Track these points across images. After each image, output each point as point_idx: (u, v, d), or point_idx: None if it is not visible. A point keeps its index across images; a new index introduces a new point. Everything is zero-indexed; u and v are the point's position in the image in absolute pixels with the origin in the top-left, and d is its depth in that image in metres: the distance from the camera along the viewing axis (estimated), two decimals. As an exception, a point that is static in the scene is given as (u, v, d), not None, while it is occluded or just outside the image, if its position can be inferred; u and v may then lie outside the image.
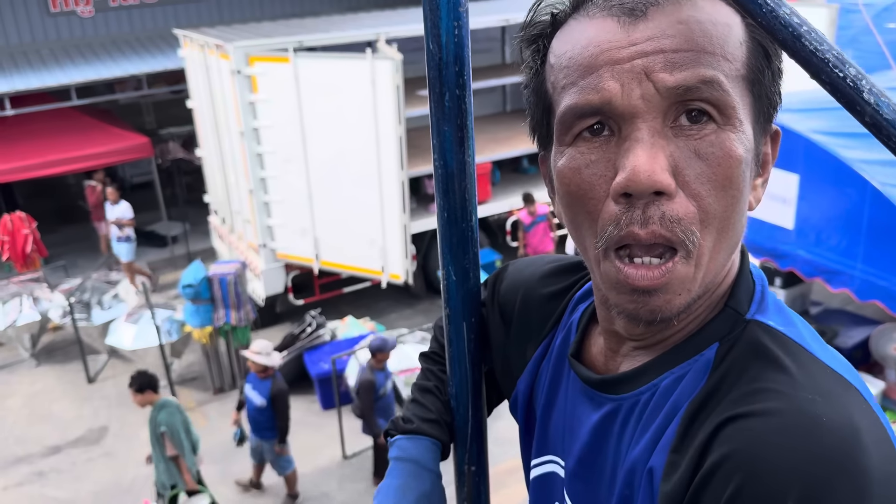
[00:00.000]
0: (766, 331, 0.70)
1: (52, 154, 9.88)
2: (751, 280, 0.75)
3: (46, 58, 10.60)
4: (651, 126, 0.65)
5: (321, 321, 7.55)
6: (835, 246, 5.15)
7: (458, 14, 0.75)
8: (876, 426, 0.62)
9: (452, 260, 0.86)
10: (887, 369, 5.84)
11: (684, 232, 0.65)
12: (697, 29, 0.65)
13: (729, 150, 0.65)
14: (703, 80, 0.64)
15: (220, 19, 11.73)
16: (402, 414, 1.02)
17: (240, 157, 8.09)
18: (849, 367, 0.69)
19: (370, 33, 8.02)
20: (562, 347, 0.89)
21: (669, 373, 0.73)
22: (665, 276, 0.66)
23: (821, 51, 0.47)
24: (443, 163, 0.80)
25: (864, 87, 0.47)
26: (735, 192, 0.66)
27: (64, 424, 7.17)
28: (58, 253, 10.71)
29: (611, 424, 0.78)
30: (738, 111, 0.66)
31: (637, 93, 0.65)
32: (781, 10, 0.48)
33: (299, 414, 7.11)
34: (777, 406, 0.62)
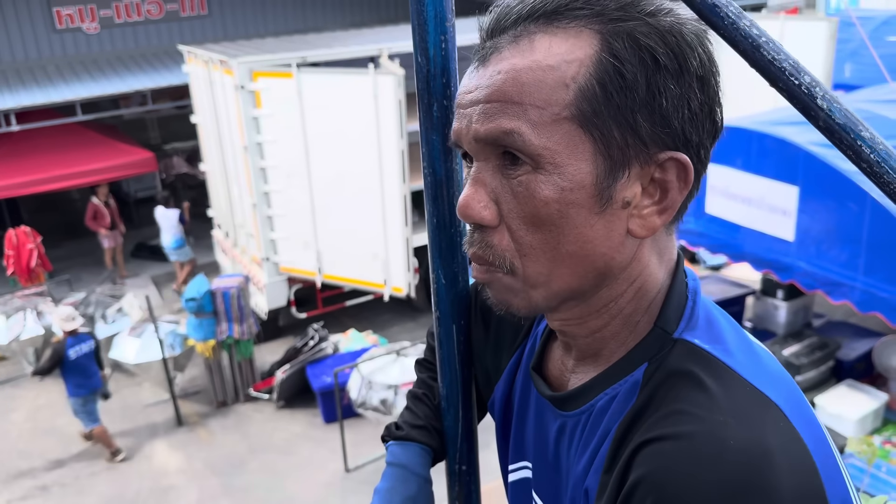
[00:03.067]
0: (690, 350, 0.71)
1: (56, 169, 9.96)
2: (683, 295, 0.77)
3: (52, 74, 10.70)
4: (482, 165, 0.74)
5: (324, 334, 7.57)
6: (835, 258, 5.16)
7: (445, 28, 0.78)
8: (792, 445, 0.63)
9: (442, 264, 0.89)
10: (891, 381, 5.83)
11: (496, 257, 0.74)
12: (510, 78, 0.69)
13: (533, 192, 0.70)
14: (504, 132, 0.69)
15: (225, 35, 11.84)
16: (396, 421, 1.06)
17: (243, 172, 8.14)
18: (778, 380, 0.70)
19: (373, 49, 8.09)
20: (528, 358, 0.93)
21: (603, 393, 0.76)
22: (486, 275, 0.76)
23: (778, 60, 0.50)
24: (431, 171, 0.84)
25: (817, 94, 0.49)
26: (550, 227, 0.70)
27: (68, 438, 7.18)
28: (62, 267, 10.76)
29: (562, 439, 0.82)
30: (553, 154, 0.69)
31: (468, 138, 0.73)
32: (741, 22, 0.51)
33: (301, 427, 7.12)
34: (689, 429, 0.63)
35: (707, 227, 6.07)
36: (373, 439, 6.65)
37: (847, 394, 5.70)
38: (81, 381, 6.62)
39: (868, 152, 0.48)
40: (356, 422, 6.80)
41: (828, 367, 6.03)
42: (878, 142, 0.48)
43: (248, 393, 7.59)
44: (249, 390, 7.59)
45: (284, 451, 6.80)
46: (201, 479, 6.49)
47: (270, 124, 7.73)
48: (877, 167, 0.48)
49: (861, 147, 0.48)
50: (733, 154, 5.71)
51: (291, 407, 7.43)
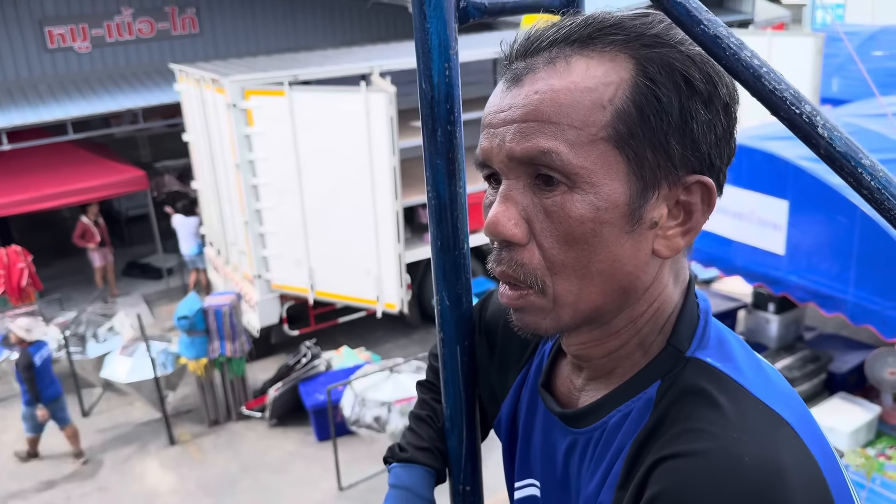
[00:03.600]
0: (703, 368, 0.73)
1: (47, 188, 9.93)
2: (695, 315, 0.79)
3: (43, 93, 10.69)
4: (513, 183, 0.74)
5: (316, 352, 7.54)
6: (826, 271, 5.20)
7: (449, 56, 0.80)
8: (804, 462, 0.65)
9: (446, 286, 0.90)
10: (883, 394, 5.85)
11: (527, 275, 0.74)
12: (548, 99, 0.71)
13: (568, 211, 0.71)
14: (541, 151, 0.71)
15: (216, 54, 11.86)
16: (399, 442, 1.06)
17: (235, 189, 8.14)
18: (788, 398, 0.72)
19: (364, 67, 8.13)
20: (535, 375, 0.94)
21: (616, 410, 0.77)
22: (520, 300, 0.76)
23: (779, 90, 0.51)
24: (435, 194, 0.85)
25: (818, 123, 0.51)
26: (584, 245, 0.72)
27: (58, 459, 7.12)
28: (53, 286, 10.71)
29: (572, 456, 0.83)
30: (587, 174, 0.70)
31: (500, 156, 0.74)
32: (743, 53, 0.52)
33: (294, 446, 7.08)
34: (704, 447, 0.65)
35: (698, 241, 5.99)
36: (366, 457, 6.62)
37: (840, 406, 5.71)
38: (49, 384, 6.85)
39: (869, 179, 0.49)
40: (349, 440, 6.77)
41: (820, 379, 6.05)
42: (878, 169, 0.49)
43: (240, 411, 7.54)
44: (242, 409, 7.55)
45: (277, 469, 6.75)
46: (193, 498, 6.44)
47: (262, 142, 7.74)
48: (878, 194, 0.49)
49: (862, 174, 0.50)
50: (724, 169, 5.76)
51: (284, 425, 7.39)
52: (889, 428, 5.66)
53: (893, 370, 5.70)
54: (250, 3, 12.14)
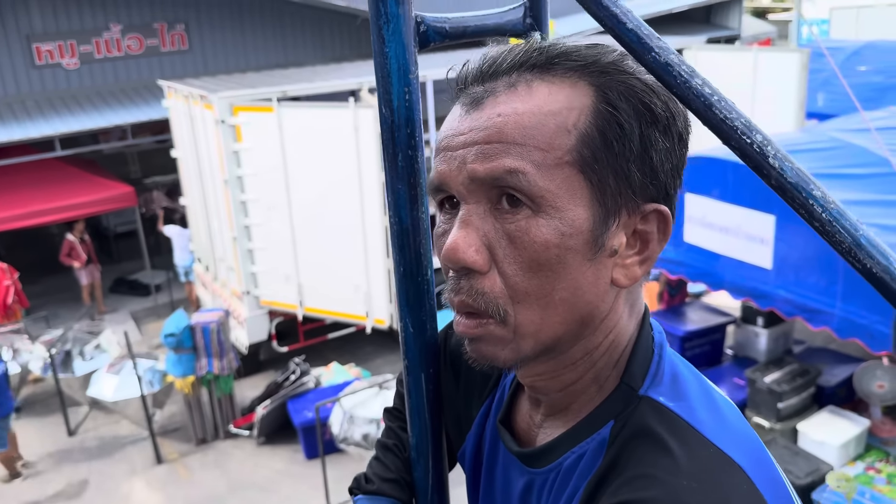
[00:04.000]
0: (655, 409, 0.72)
1: (35, 204, 9.88)
2: (649, 349, 0.77)
3: (31, 109, 10.65)
4: (473, 208, 0.72)
5: (305, 368, 7.50)
6: (813, 285, 5.21)
7: (409, 80, 0.79)
8: None
9: (409, 313, 0.88)
10: (872, 407, 5.85)
11: (487, 304, 0.71)
12: (512, 121, 0.70)
13: (534, 236, 0.69)
14: (507, 171, 0.69)
15: (205, 70, 11.86)
16: (365, 472, 1.04)
17: (224, 205, 8.12)
18: (741, 438, 0.71)
19: (353, 83, 8.15)
20: (497, 409, 0.92)
21: (571, 452, 0.76)
22: (478, 329, 0.73)
23: (730, 118, 0.50)
24: (397, 220, 0.84)
25: (769, 153, 0.50)
26: (547, 272, 0.70)
27: (43, 478, 7.03)
28: (39, 304, 10.62)
29: (529, 496, 0.81)
30: (553, 198, 0.69)
31: (459, 179, 0.72)
32: (694, 81, 0.51)
33: (283, 464, 7.02)
34: (653, 495, 0.64)
35: (686, 255, 6.12)
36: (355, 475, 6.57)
37: (829, 420, 5.71)
38: (5, 400, 6.77)
39: (820, 211, 0.48)
40: (338, 457, 6.72)
41: (809, 393, 6.04)
42: (829, 200, 0.48)
43: (228, 429, 7.48)
44: (230, 427, 7.49)
45: (265, 488, 6.69)
46: (180, 518, 6.38)
47: (251, 158, 7.73)
48: (829, 226, 0.48)
49: (813, 206, 0.49)
50: (710, 184, 5.78)
51: (272, 443, 7.33)
52: (878, 441, 5.66)
53: (882, 383, 5.70)
54: (240, 20, 12.16)
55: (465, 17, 0.84)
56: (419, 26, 0.80)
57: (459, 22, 0.83)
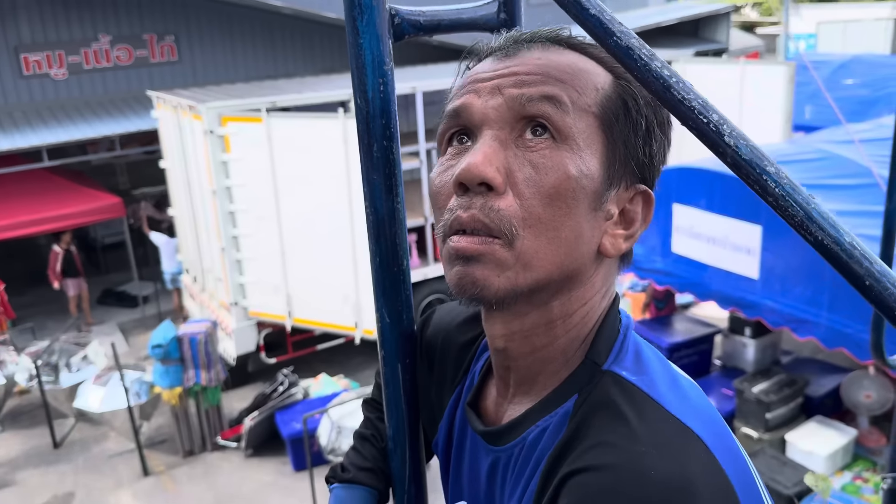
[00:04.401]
0: (617, 382, 0.73)
1: (21, 215, 9.83)
2: (615, 329, 0.79)
3: (18, 120, 10.62)
4: (495, 133, 0.73)
5: (293, 380, 7.47)
6: (800, 295, 5.24)
7: (384, 72, 0.80)
8: (713, 476, 0.64)
9: (386, 303, 0.89)
10: (859, 417, 5.88)
11: (501, 221, 0.71)
12: (553, 64, 0.74)
13: (558, 163, 0.71)
14: (544, 95, 0.72)
15: (195, 81, 11.87)
16: (342, 462, 1.04)
17: (212, 216, 8.11)
18: (701, 412, 0.71)
19: (343, 94, 8.17)
20: (466, 395, 0.93)
21: (535, 426, 0.77)
22: (482, 246, 0.71)
23: (688, 99, 0.52)
24: (373, 209, 0.84)
25: (724, 132, 0.51)
26: (562, 204, 0.71)
27: (28, 492, 6.96)
28: (26, 315, 10.55)
29: (495, 474, 0.82)
30: (578, 136, 0.72)
31: (489, 103, 0.74)
32: (653, 64, 0.53)
33: (271, 476, 6.98)
34: (611, 461, 0.65)
35: (673, 266, 6.15)
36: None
37: (817, 430, 5.74)
38: None
39: (773, 186, 0.50)
40: (326, 469, 6.66)
41: (797, 403, 6.07)
42: (782, 176, 0.49)
43: (215, 441, 7.43)
44: (217, 439, 7.44)
45: (253, 501, 6.65)
46: (167, 531, 6.33)
47: (239, 168, 7.73)
48: (782, 200, 0.50)
49: (766, 181, 0.50)
50: (697, 194, 5.82)
51: (260, 455, 7.29)
52: (865, 451, 5.68)
53: (869, 393, 5.74)
54: (229, 31, 12.19)
55: (439, 10, 0.85)
56: (393, 18, 0.82)
57: (434, 16, 0.85)
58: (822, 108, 11.47)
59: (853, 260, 0.47)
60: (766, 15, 32.23)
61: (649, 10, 17.97)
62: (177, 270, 10.36)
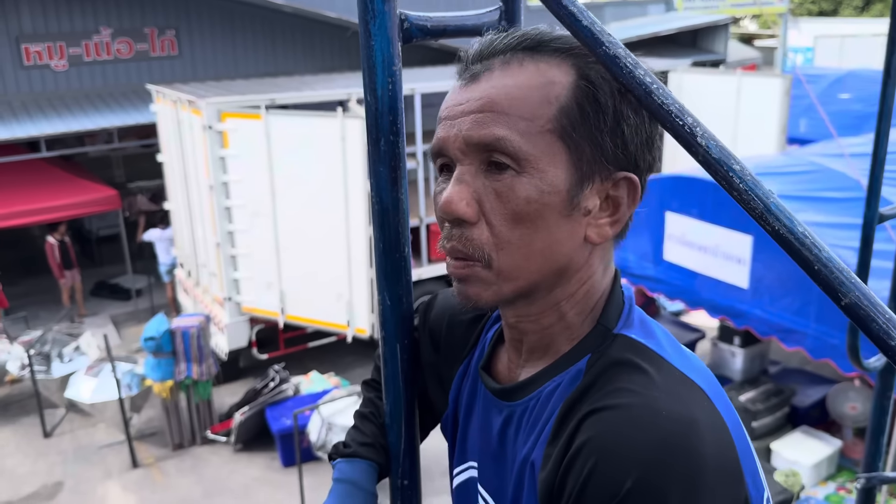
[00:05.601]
0: (629, 343, 0.83)
1: (17, 205, 9.84)
2: (621, 300, 0.89)
3: (17, 110, 10.64)
4: (467, 168, 0.83)
5: (285, 376, 7.51)
6: (788, 305, 5.31)
7: (392, 72, 0.87)
8: (715, 422, 0.74)
9: (387, 287, 0.95)
10: (844, 428, 5.95)
11: (475, 250, 0.82)
12: (502, 94, 0.81)
13: (516, 192, 0.80)
14: (496, 138, 0.80)
15: (194, 76, 11.91)
16: (343, 439, 1.11)
17: (208, 211, 8.14)
18: (704, 373, 0.81)
19: (341, 93, 8.23)
20: (477, 363, 1.01)
21: (551, 381, 0.86)
22: (466, 269, 0.84)
23: (666, 104, 0.59)
24: (378, 199, 0.91)
25: (697, 133, 0.58)
26: (528, 224, 0.81)
27: (17, 480, 6.98)
28: (19, 304, 10.56)
29: (508, 428, 0.91)
30: (536, 160, 0.80)
31: (455, 144, 0.83)
32: (637, 72, 0.59)
33: (259, 471, 7.02)
34: (629, 401, 0.74)
35: (665, 273, 6.22)
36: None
37: (802, 440, 5.80)
38: None
39: (738, 182, 0.57)
40: (315, 465, 6.73)
41: (783, 413, 6.14)
42: (746, 173, 0.56)
43: (205, 435, 7.47)
44: (207, 432, 7.48)
45: (241, 495, 6.68)
46: (154, 522, 6.36)
47: (237, 164, 7.77)
48: (745, 195, 0.56)
49: (732, 178, 0.57)
50: (690, 203, 5.89)
51: (250, 450, 7.33)
52: (850, 462, 5.74)
53: (854, 405, 5.81)
54: (230, 27, 12.24)
55: (445, 16, 0.92)
56: (403, 23, 0.88)
57: (440, 21, 0.91)
58: (817, 122, 11.57)
59: (804, 247, 0.54)
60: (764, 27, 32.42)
61: (648, 20, 18.10)
62: (172, 263, 10.41)
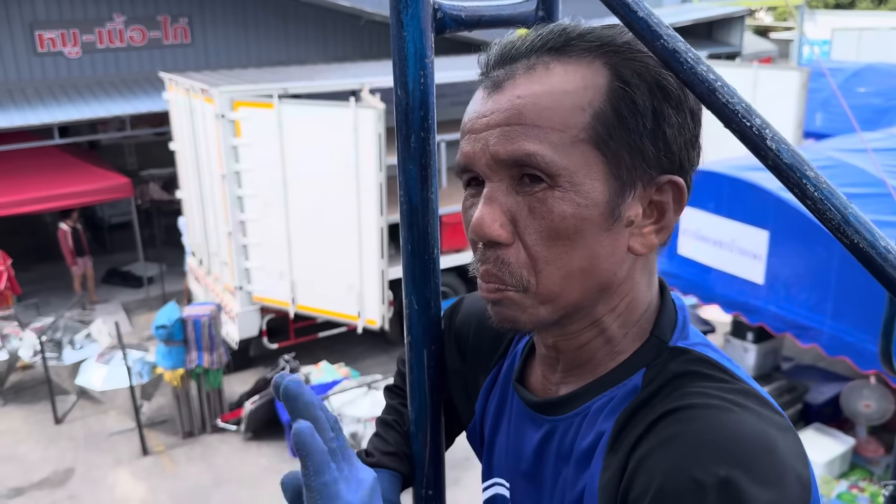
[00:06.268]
0: (689, 354, 0.77)
1: (30, 192, 9.85)
2: (673, 311, 0.82)
3: (31, 96, 10.65)
4: (497, 185, 0.77)
5: (295, 366, 7.50)
6: (804, 301, 5.25)
7: (424, 64, 0.82)
8: (791, 435, 0.68)
9: (415, 290, 0.91)
10: (857, 426, 5.89)
11: (512, 274, 0.76)
12: (530, 103, 0.74)
13: (552, 207, 0.74)
14: (526, 154, 0.73)
15: (207, 65, 11.88)
16: (366, 447, 1.07)
17: (220, 200, 8.13)
18: (763, 391, 0.75)
19: (354, 83, 8.17)
20: (507, 374, 0.96)
21: (600, 396, 0.80)
22: (498, 294, 0.78)
23: (732, 103, 0.54)
24: (407, 199, 0.86)
25: (767, 135, 0.53)
26: (566, 241, 0.74)
27: (28, 466, 7.01)
28: (31, 291, 10.60)
29: (548, 444, 0.84)
30: (570, 174, 0.73)
31: (483, 161, 0.77)
32: (699, 67, 0.55)
33: (269, 461, 7.02)
34: (705, 401, 0.68)
35: (679, 268, 6.15)
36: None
37: (815, 438, 5.74)
38: None
39: (812, 190, 0.52)
40: (325, 455, 6.71)
41: (796, 410, 6.08)
42: (821, 181, 0.51)
43: (215, 424, 7.48)
44: (217, 421, 7.48)
45: (250, 484, 6.69)
46: (164, 510, 6.37)
47: (249, 153, 7.74)
48: (820, 204, 0.52)
49: (806, 185, 0.52)
50: (706, 197, 5.82)
51: (259, 439, 7.33)
52: (863, 460, 5.69)
53: (868, 403, 5.75)
54: (243, 15, 12.19)
55: (480, 6, 0.87)
56: (436, 13, 0.83)
57: (475, 11, 0.86)
58: (834, 116, 11.43)
59: (888, 263, 0.49)
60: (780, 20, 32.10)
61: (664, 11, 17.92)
62: None
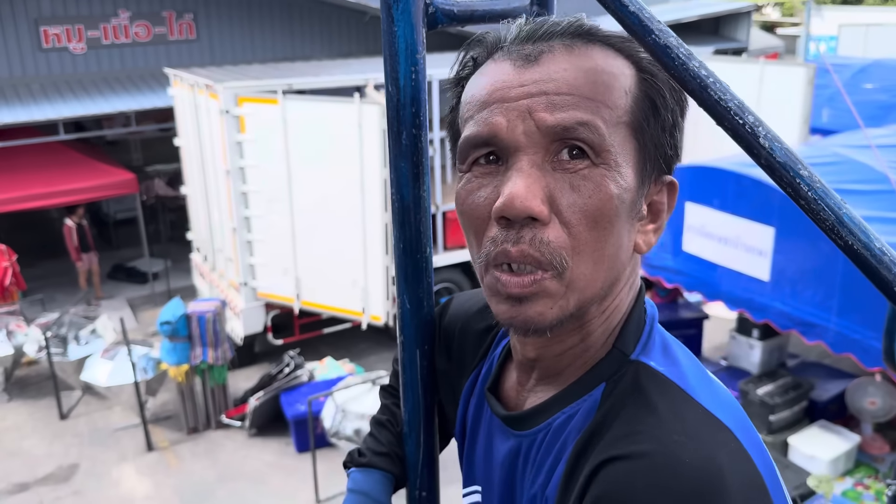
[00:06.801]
0: (645, 371, 0.73)
1: (35, 188, 9.88)
2: (642, 319, 0.79)
3: (36, 92, 10.67)
4: (532, 159, 0.70)
5: (299, 362, 7.51)
6: (809, 298, 5.22)
7: (416, 60, 0.80)
8: (743, 464, 0.65)
9: (407, 289, 0.89)
10: (863, 423, 5.87)
11: (552, 254, 0.69)
12: (581, 75, 0.71)
13: (599, 185, 0.70)
14: (579, 122, 0.69)
15: (212, 61, 11.88)
16: (359, 447, 1.06)
17: (224, 196, 8.13)
18: (728, 406, 0.72)
19: (359, 79, 8.17)
20: (483, 380, 0.93)
21: (561, 412, 0.77)
22: (534, 286, 0.70)
23: (724, 100, 0.52)
24: (399, 196, 0.85)
25: (760, 133, 0.52)
26: (606, 224, 0.70)
27: (33, 461, 7.03)
28: (36, 287, 10.62)
29: (515, 459, 0.82)
30: (615, 154, 0.70)
31: (520, 129, 0.70)
32: (691, 63, 0.53)
33: (273, 456, 7.03)
34: (645, 449, 0.65)
35: (684, 264, 6.13)
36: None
37: (820, 435, 5.72)
38: None
39: (806, 190, 0.50)
40: (329, 451, 6.72)
41: (801, 407, 6.06)
42: (815, 180, 0.50)
43: (220, 419, 7.49)
44: (222, 417, 7.50)
45: (255, 479, 6.70)
46: (169, 506, 6.38)
47: (254, 149, 7.74)
48: (814, 204, 0.50)
49: (799, 185, 0.50)
50: (711, 194, 5.79)
51: (264, 435, 7.34)
52: (868, 458, 5.67)
53: (873, 400, 5.72)
54: (248, 11, 12.18)
55: (473, 1, 0.85)
56: (428, 7, 0.82)
57: (468, 6, 0.85)
58: (840, 112, 11.36)
59: (882, 266, 0.47)
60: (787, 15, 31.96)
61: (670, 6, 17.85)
62: None
